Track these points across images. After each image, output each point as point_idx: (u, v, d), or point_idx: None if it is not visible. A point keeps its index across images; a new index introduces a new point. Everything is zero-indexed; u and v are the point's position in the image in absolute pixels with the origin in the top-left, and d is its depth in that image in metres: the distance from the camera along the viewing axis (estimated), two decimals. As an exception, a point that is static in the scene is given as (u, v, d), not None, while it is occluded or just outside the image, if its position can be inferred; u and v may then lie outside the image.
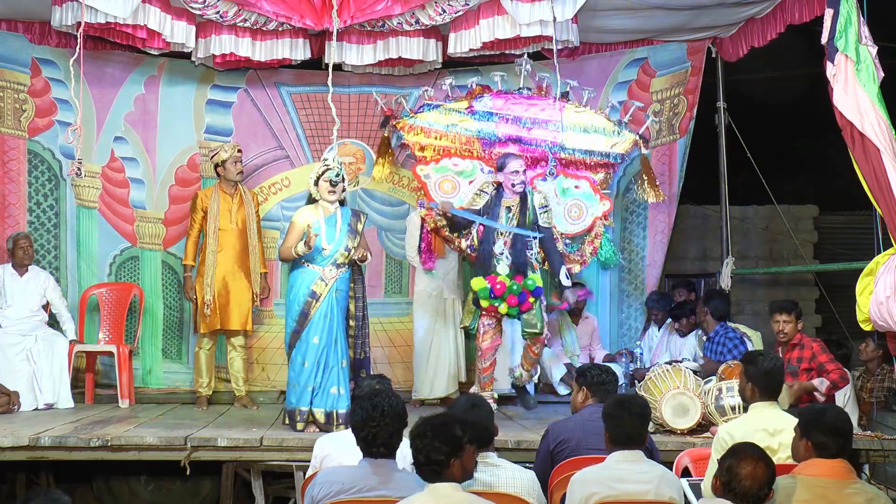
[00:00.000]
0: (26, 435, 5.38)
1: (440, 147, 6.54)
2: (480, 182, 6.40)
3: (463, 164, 6.47)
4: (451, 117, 6.56)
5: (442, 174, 6.42)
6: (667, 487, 3.67)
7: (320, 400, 5.77)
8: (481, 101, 6.56)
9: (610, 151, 6.62)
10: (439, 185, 6.39)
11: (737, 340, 6.39)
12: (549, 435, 4.44)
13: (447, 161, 6.47)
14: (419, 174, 6.46)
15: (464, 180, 6.42)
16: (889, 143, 5.41)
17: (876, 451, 5.55)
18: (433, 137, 6.57)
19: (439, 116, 6.59)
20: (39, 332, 6.75)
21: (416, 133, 6.61)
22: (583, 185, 6.54)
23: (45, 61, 7.26)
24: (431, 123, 6.57)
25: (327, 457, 4.17)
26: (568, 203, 6.48)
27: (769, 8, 6.77)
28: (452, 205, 6.20)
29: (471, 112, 6.55)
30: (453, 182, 6.39)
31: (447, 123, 6.55)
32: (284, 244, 5.90)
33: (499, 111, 6.55)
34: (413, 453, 3.22)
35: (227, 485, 5.87)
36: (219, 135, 7.55)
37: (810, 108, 7.63)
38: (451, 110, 6.57)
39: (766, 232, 9.58)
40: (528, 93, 6.60)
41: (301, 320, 5.79)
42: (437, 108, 6.61)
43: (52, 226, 7.38)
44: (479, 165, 6.48)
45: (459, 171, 6.44)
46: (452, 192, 6.37)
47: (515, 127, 6.54)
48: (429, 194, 6.37)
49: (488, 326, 6.23)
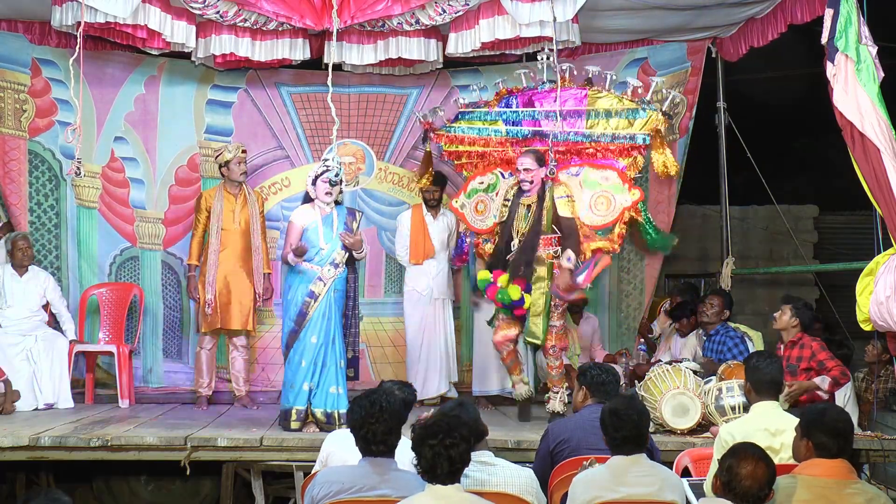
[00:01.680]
0: (26, 435, 5.38)
1: (475, 153, 6.46)
2: (504, 190, 6.30)
3: (487, 179, 6.42)
4: (482, 122, 6.47)
5: (473, 198, 6.41)
6: (669, 491, 3.67)
7: (319, 400, 5.77)
8: (509, 101, 6.44)
9: (636, 133, 6.23)
10: (474, 210, 6.39)
11: (737, 340, 6.39)
12: (549, 435, 4.45)
13: (474, 183, 6.43)
14: (456, 207, 6.46)
15: (491, 194, 6.37)
16: (889, 143, 5.41)
17: (876, 451, 5.56)
18: (468, 144, 6.49)
19: (472, 122, 6.50)
20: (39, 332, 6.75)
21: (453, 143, 6.53)
22: (611, 177, 6.23)
23: (46, 61, 7.26)
24: (465, 130, 6.48)
25: (331, 454, 4.18)
26: (595, 195, 6.21)
27: (769, 8, 6.77)
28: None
29: (500, 114, 6.43)
30: (485, 202, 6.36)
31: (479, 128, 6.47)
32: (286, 246, 5.92)
33: (524, 108, 6.39)
34: (431, 459, 3.21)
35: (227, 485, 5.87)
36: (219, 135, 7.56)
37: (810, 108, 7.62)
38: (483, 115, 6.47)
39: (766, 232, 9.58)
40: (550, 85, 6.35)
41: (299, 320, 5.79)
42: (470, 115, 6.51)
43: (52, 226, 7.38)
44: (499, 173, 6.41)
45: (486, 188, 6.39)
46: (486, 212, 6.33)
47: (541, 122, 6.35)
48: (468, 224, 6.40)
49: (501, 320, 6.12)
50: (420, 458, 3.22)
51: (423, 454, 3.21)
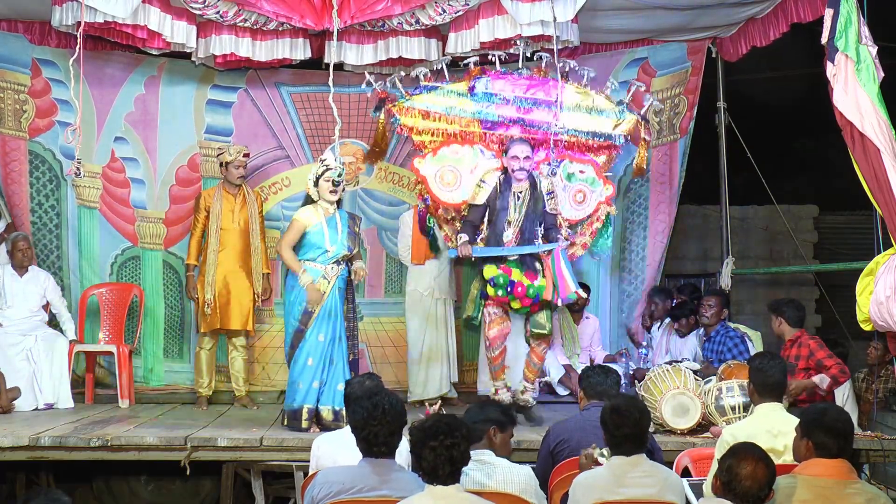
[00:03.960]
0: (26, 435, 5.39)
1: (438, 130, 6.17)
2: (482, 170, 6.09)
3: (462, 152, 6.11)
4: (449, 99, 6.18)
5: (441, 165, 6.09)
6: (670, 492, 3.66)
7: (327, 397, 5.78)
8: (480, 82, 6.20)
9: (613, 133, 6.29)
10: (440, 178, 6.07)
11: (737, 340, 6.40)
12: (550, 435, 4.46)
13: (446, 150, 6.12)
14: (417, 168, 6.14)
15: (464, 169, 6.10)
16: (889, 143, 5.41)
17: (876, 451, 5.56)
18: (431, 120, 6.17)
19: (437, 98, 6.16)
20: (39, 332, 6.75)
21: (413, 116, 6.16)
22: (587, 170, 6.28)
23: (46, 62, 7.26)
24: (429, 105, 6.13)
25: (322, 456, 4.19)
26: (573, 188, 6.24)
27: (769, 8, 6.77)
28: (471, 251, 5.87)
29: (470, 93, 6.18)
30: (454, 173, 6.06)
31: (446, 105, 6.16)
32: (285, 240, 5.92)
33: (498, 92, 6.20)
34: (432, 460, 3.21)
35: (227, 485, 5.87)
36: (219, 135, 7.56)
37: (810, 108, 7.62)
38: (449, 92, 6.19)
39: (766, 232, 9.58)
40: (527, 73, 6.31)
41: (305, 319, 5.80)
42: (435, 89, 6.18)
43: (53, 226, 7.38)
44: (478, 150, 6.14)
45: (459, 160, 6.11)
46: (454, 184, 6.06)
47: (515, 108, 6.19)
48: (430, 191, 6.09)
49: (494, 315, 5.94)
50: (421, 459, 3.22)
51: (424, 456, 3.21)
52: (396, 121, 6.20)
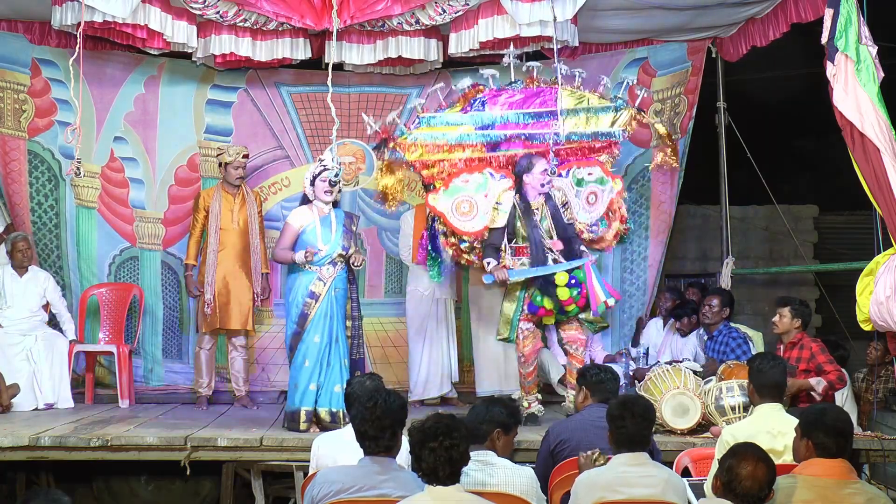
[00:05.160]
0: (26, 435, 5.38)
1: (444, 161, 6.08)
2: (495, 193, 6.01)
3: (473, 179, 6.00)
4: (450, 126, 6.06)
5: (455, 196, 5.97)
6: (672, 492, 3.66)
7: (324, 399, 5.79)
8: (477, 104, 6.11)
9: (612, 130, 6.23)
10: (456, 209, 5.96)
11: (740, 340, 6.38)
12: (550, 435, 4.46)
13: (457, 181, 5.98)
14: (434, 205, 5.98)
15: (478, 196, 5.99)
16: (889, 143, 5.41)
17: (876, 451, 5.56)
18: (436, 151, 6.07)
19: (438, 128, 6.04)
20: (39, 332, 6.75)
21: (418, 150, 6.04)
22: (595, 171, 6.24)
23: (45, 61, 7.26)
24: (433, 137, 6.03)
25: (322, 456, 4.19)
26: (585, 192, 6.21)
27: (769, 8, 6.77)
28: (507, 274, 5.84)
29: (468, 115, 6.07)
30: (470, 202, 5.97)
31: (448, 133, 6.05)
32: (278, 246, 5.96)
33: (497, 112, 6.12)
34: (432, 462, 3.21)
35: (227, 485, 5.87)
36: (219, 135, 7.56)
37: (810, 108, 7.61)
38: (448, 120, 6.06)
39: (766, 232, 9.57)
40: (521, 86, 6.21)
41: (301, 321, 5.81)
42: (433, 119, 6.04)
43: (52, 226, 7.38)
44: (488, 173, 6.02)
45: (471, 188, 5.99)
46: (472, 212, 5.96)
47: (515, 125, 6.13)
48: (450, 224, 5.98)
49: (528, 331, 5.99)
50: (421, 461, 3.22)
51: (423, 457, 3.20)
52: (401, 157, 6.12)
